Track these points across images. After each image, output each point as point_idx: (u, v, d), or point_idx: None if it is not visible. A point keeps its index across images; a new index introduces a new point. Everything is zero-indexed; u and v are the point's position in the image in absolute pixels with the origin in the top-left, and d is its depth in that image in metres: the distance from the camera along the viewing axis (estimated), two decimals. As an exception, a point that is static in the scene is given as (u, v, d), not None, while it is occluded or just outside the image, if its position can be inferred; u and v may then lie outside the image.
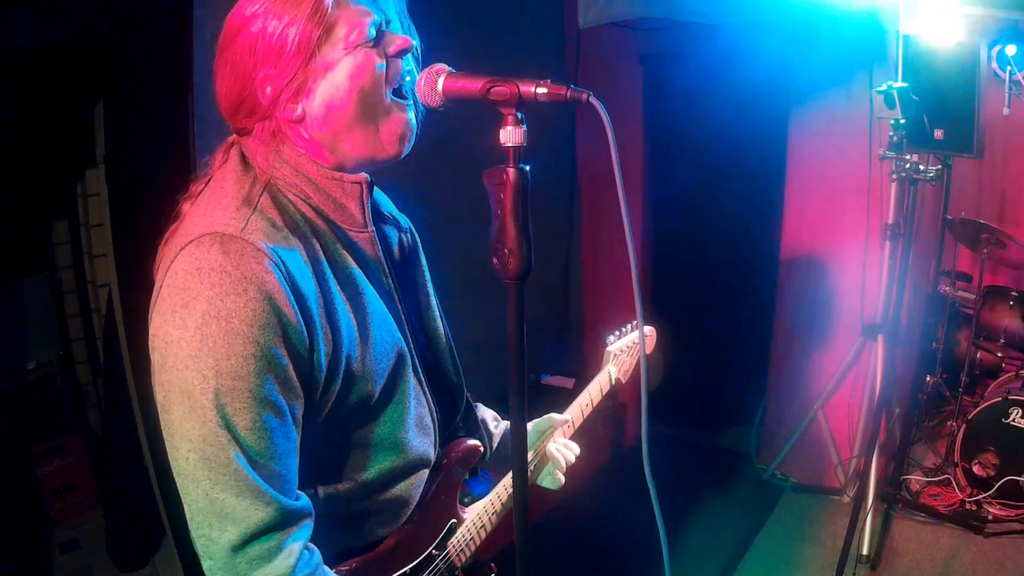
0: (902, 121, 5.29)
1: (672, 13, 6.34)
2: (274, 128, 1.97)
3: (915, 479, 6.67)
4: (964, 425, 6.29)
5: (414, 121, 2.10)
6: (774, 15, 5.97)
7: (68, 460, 6.15)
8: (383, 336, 2.08)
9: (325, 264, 1.98)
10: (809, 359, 6.98)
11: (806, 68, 6.52)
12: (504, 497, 2.62)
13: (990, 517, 6.08)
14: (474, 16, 6.02)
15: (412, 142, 2.11)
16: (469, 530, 2.48)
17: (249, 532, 1.80)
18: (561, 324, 7.90)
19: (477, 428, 2.62)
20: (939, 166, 5.65)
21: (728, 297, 7.98)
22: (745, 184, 7.47)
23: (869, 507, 5.80)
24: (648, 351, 3.35)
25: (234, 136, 2.08)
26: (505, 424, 2.85)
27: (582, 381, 3.17)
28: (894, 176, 5.57)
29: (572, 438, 2.97)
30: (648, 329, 3.38)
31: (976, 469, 6.16)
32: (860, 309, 6.56)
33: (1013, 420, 6.00)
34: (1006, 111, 6.36)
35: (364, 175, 2.10)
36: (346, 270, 2.04)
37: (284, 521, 1.84)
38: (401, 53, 2.03)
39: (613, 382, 3.16)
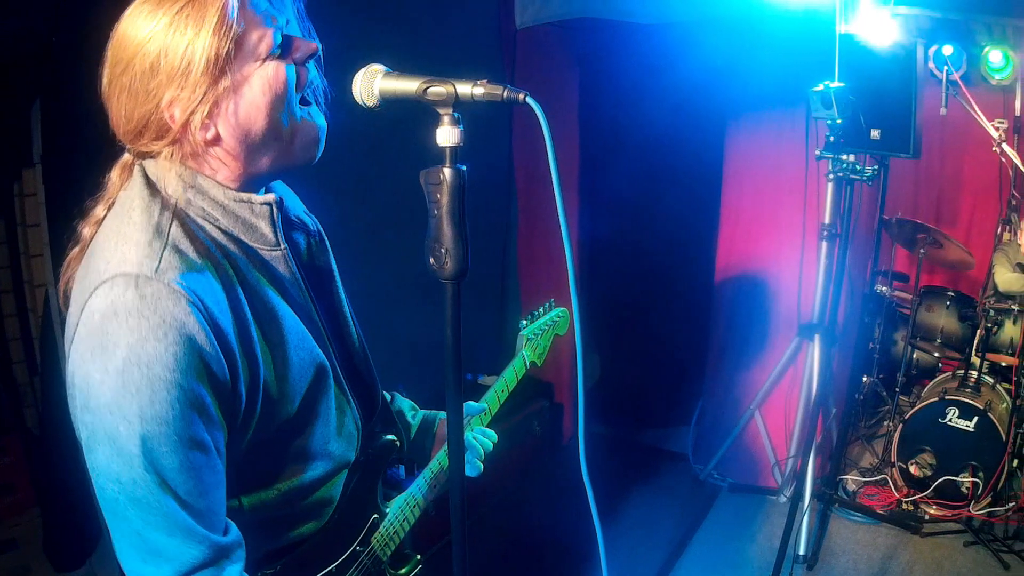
0: (839, 121, 5.33)
1: (609, 13, 6.38)
2: (185, 151, 1.91)
3: (852, 479, 6.75)
4: (901, 425, 6.37)
5: (323, 123, 2.08)
6: (710, 15, 6.01)
7: (5, 461, 6.08)
8: (300, 356, 2.06)
9: (239, 289, 1.94)
10: (746, 359, 7.03)
11: (743, 68, 6.55)
12: (424, 489, 2.61)
13: (927, 517, 6.17)
14: (410, 16, 5.99)
15: (323, 145, 2.09)
16: (392, 524, 2.48)
17: (184, 570, 1.80)
18: (497, 324, 7.89)
19: (393, 422, 2.61)
20: (875, 166, 5.70)
21: (665, 297, 8.03)
22: (682, 184, 7.52)
23: (806, 507, 5.83)
24: (563, 333, 3.36)
25: (130, 156, 2.00)
26: (423, 414, 2.87)
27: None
28: (830, 176, 5.62)
29: (489, 426, 2.96)
30: (561, 311, 3.37)
31: (913, 469, 6.23)
32: (797, 309, 6.62)
33: (950, 420, 6.07)
34: (943, 111, 6.46)
35: (273, 195, 2.05)
36: (260, 293, 2.01)
37: (216, 557, 1.85)
38: (308, 59, 2.01)
39: (528, 366, 3.15)
